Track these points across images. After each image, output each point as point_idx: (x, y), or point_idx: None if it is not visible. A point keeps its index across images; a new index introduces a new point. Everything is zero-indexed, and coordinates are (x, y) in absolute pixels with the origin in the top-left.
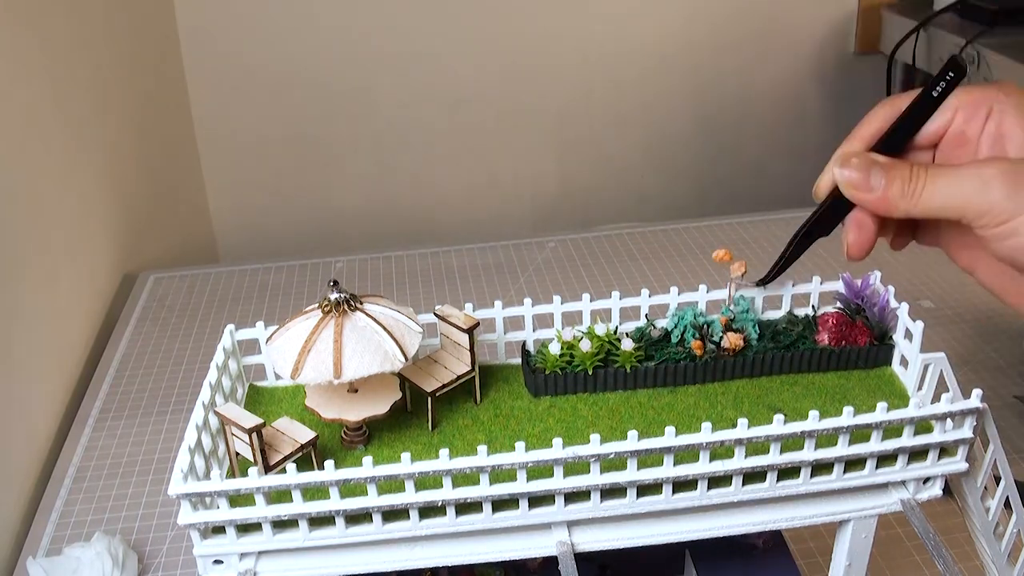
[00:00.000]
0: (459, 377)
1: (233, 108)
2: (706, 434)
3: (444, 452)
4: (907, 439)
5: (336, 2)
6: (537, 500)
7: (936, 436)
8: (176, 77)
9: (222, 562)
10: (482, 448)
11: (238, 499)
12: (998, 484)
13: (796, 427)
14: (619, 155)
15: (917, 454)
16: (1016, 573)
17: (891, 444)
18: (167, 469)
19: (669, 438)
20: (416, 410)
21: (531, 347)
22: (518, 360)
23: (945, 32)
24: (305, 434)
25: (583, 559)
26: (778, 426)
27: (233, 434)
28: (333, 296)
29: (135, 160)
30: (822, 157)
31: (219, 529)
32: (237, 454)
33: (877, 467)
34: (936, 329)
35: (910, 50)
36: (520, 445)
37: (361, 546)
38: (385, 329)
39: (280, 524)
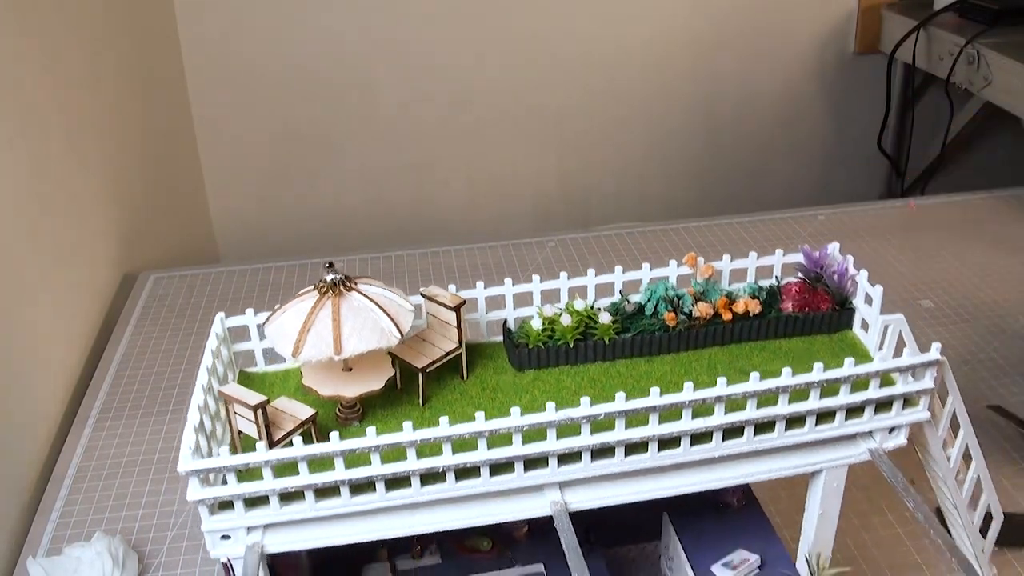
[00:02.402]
0: (447, 353)
1: (233, 108)
2: (688, 392)
3: (444, 419)
4: (873, 391)
5: (336, 3)
6: (532, 463)
7: (900, 387)
8: (176, 77)
9: (230, 537)
10: (479, 414)
11: (246, 474)
12: (956, 435)
13: (771, 383)
14: (619, 155)
15: (883, 406)
16: (976, 518)
17: (859, 396)
18: (167, 469)
19: (654, 398)
20: (406, 387)
21: (512, 325)
22: (500, 338)
23: (945, 32)
24: (304, 411)
25: None
26: (754, 382)
27: (236, 412)
28: (329, 277)
29: (135, 160)
30: (822, 157)
31: (227, 504)
32: (240, 432)
33: (846, 419)
34: (936, 329)
35: (910, 50)
36: (516, 410)
37: (364, 515)
38: (380, 307)
39: (287, 496)
